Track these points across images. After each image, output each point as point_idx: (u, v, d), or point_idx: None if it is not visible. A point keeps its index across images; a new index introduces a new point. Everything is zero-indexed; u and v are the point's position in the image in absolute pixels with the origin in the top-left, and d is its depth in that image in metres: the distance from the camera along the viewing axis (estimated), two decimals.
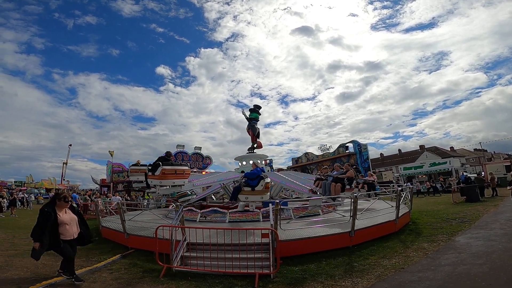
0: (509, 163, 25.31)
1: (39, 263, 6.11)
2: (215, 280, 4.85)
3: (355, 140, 35.13)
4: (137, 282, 4.93)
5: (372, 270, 4.98)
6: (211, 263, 5.21)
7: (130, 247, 7.30)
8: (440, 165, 27.17)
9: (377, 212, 8.23)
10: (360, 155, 33.56)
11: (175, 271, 5.26)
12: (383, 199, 10.44)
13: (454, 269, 4.64)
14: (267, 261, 5.26)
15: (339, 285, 4.45)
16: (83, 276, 5.21)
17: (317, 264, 5.44)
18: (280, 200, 6.96)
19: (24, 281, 4.94)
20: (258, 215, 8.45)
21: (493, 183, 16.79)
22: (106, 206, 12.91)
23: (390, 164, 53.64)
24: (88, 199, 19.56)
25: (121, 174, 30.36)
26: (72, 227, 4.87)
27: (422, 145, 56.75)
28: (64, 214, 4.82)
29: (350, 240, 6.42)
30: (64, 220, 4.73)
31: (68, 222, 4.79)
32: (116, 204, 9.49)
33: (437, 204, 14.06)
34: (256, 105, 13.92)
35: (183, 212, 6.89)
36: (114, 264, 6.07)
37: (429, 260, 5.25)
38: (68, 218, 4.83)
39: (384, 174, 34.04)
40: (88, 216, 15.55)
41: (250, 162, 12.80)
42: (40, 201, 27.00)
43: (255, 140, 13.48)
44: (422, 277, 4.44)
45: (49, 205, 4.76)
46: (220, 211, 9.00)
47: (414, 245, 6.35)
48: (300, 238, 6.19)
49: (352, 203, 6.69)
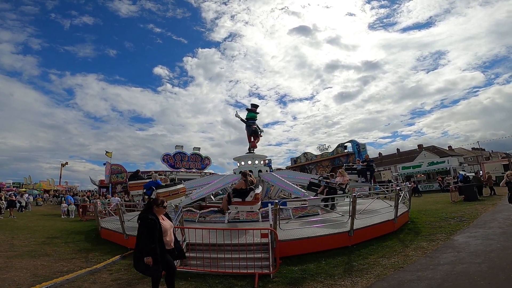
0: (507, 162, 25.42)
1: (38, 264, 6.12)
2: (215, 280, 4.86)
3: (353, 140, 35.17)
4: (136, 283, 4.93)
5: (371, 269, 5.00)
6: (211, 264, 5.22)
7: (130, 248, 7.28)
8: (439, 164, 27.22)
9: (376, 211, 8.26)
10: (359, 155, 33.59)
11: None
12: (381, 198, 10.48)
13: (453, 268, 4.66)
14: (266, 261, 5.27)
15: (339, 284, 4.47)
16: (82, 277, 5.21)
17: (317, 263, 5.46)
18: (279, 200, 6.97)
19: (23, 282, 4.93)
20: (257, 215, 8.46)
21: (490, 182, 16.86)
22: (105, 207, 12.89)
23: (389, 163, 53.71)
24: (87, 200, 19.49)
25: (120, 175, 30.29)
26: (171, 235, 4.24)
27: (420, 145, 56.89)
28: (163, 221, 4.18)
29: (349, 240, 6.44)
30: (166, 228, 4.11)
31: (168, 229, 4.17)
32: (115, 205, 9.48)
33: (435, 203, 14.10)
34: (253, 104, 13.88)
35: (182, 213, 6.90)
36: (113, 265, 6.07)
37: (428, 259, 5.27)
38: (168, 225, 4.21)
39: (383, 174, 34.13)
40: (87, 217, 15.56)
41: (255, 162, 12.64)
42: (39, 202, 26.71)
43: (250, 141, 13.49)
44: (421, 276, 4.46)
45: (148, 212, 4.08)
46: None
47: (413, 244, 6.38)
48: (299, 238, 6.20)
49: (351, 202, 6.71)
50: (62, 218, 16.32)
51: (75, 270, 5.67)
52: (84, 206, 17.12)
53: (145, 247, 3.74)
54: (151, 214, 4.00)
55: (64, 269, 5.81)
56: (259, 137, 13.66)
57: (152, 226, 3.84)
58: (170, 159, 32.02)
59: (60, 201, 21.06)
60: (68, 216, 16.96)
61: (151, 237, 3.78)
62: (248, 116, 13.48)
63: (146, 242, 3.76)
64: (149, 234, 3.80)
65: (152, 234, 3.81)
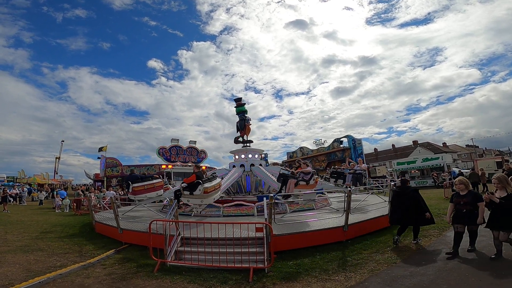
0: (500, 159, 25.72)
1: (31, 259, 6.08)
2: (210, 274, 4.86)
3: (349, 135, 35.42)
4: (131, 277, 4.92)
5: (365, 264, 5.04)
6: (206, 258, 5.22)
7: (124, 242, 7.27)
8: (433, 161, 27.46)
9: (371, 206, 8.32)
10: (355, 150, 33.85)
11: (169, 265, 5.26)
12: (375, 193, 10.56)
13: (445, 265, 4.72)
14: (261, 255, 5.29)
15: (333, 279, 4.50)
16: (76, 272, 5.19)
17: (311, 258, 5.49)
18: (274, 194, 6.97)
19: (16, 277, 4.90)
20: (252, 209, 8.48)
21: (483, 178, 17.06)
22: (100, 201, 12.82)
23: (384, 159, 54.15)
24: (81, 194, 19.37)
25: (115, 168, 30.12)
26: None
27: (415, 141, 57.37)
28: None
29: (343, 235, 6.48)
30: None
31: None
32: (109, 199, 9.43)
33: (428, 199, 14.16)
34: (237, 99, 14.17)
35: (177, 207, 6.88)
36: (107, 260, 6.05)
37: (421, 255, 5.33)
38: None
39: (378, 169, 34.40)
40: (82, 211, 15.48)
41: (249, 156, 12.79)
42: (35, 197, 26.42)
43: (243, 134, 13.76)
44: (414, 272, 4.50)
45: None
46: (215, 205, 8.99)
47: (406, 240, 6.43)
48: (294, 233, 6.23)
49: (345, 197, 6.74)
50: (56, 212, 16.22)
51: (68, 264, 5.64)
52: (78, 200, 17.01)
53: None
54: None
55: (58, 263, 5.77)
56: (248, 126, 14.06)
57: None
58: (166, 153, 31.92)
59: (53, 195, 20.89)
60: (62, 211, 16.86)
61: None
62: (239, 110, 13.86)
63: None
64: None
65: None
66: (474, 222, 4.91)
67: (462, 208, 5.05)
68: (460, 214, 5.09)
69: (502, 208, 4.50)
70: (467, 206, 4.99)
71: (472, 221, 4.92)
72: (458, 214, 5.15)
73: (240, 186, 13.41)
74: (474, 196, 5.06)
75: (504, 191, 4.62)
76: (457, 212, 5.16)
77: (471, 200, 4.99)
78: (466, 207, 4.99)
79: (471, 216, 4.92)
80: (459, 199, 5.16)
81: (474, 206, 4.91)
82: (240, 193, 13.21)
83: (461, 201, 5.09)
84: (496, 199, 4.58)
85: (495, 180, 4.78)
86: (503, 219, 4.50)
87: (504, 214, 4.48)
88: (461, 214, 5.07)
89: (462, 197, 5.12)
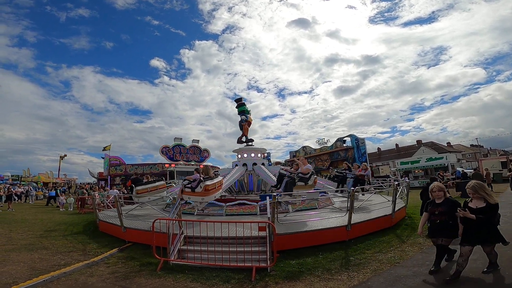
0: (505, 159, 25.48)
1: (36, 258, 6.13)
2: (212, 273, 4.87)
3: (352, 134, 35.20)
4: (134, 275, 4.94)
5: (368, 264, 5.02)
6: (208, 257, 5.23)
7: (128, 241, 7.31)
8: (437, 160, 27.32)
9: (374, 206, 8.28)
10: (358, 150, 33.69)
11: (172, 264, 5.28)
12: (378, 193, 10.50)
13: (449, 265, 4.68)
14: (264, 254, 5.29)
15: (336, 278, 4.49)
16: (80, 270, 5.22)
17: (314, 257, 5.48)
18: (277, 194, 6.97)
19: (20, 276, 4.94)
20: (255, 208, 8.48)
21: (488, 178, 16.92)
22: (104, 200, 12.89)
23: (388, 158, 53.90)
24: (85, 193, 19.49)
25: (119, 167, 30.28)
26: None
27: (419, 140, 57.08)
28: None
29: (346, 234, 6.46)
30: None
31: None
32: (113, 197, 9.46)
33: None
34: (237, 99, 14.53)
35: (180, 205, 6.90)
36: (111, 258, 6.08)
37: (424, 255, 5.29)
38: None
39: (381, 169, 34.24)
40: (86, 210, 15.58)
41: (251, 155, 12.87)
42: (40, 196, 26.51)
43: (243, 134, 14.05)
44: (417, 272, 4.48)
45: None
46: (218, 204, 9.01)
47: (409, 240, 6.40)
48: (297, 232, 6.22)
49: (349, 197, 6.71)
50: (61, 211, 16.34)
51: (72, 263, 5.68)
52: (82, 199, 17.12)
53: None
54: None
55: (62, 262, 5.81)
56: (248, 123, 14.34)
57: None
58: (169, 152, 32.03)
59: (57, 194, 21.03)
60: (66, 209, 16.98)
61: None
62: (240, 109, 14.18)
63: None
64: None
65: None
66: (451, 235, 4.21)
67: (436, 219, 4.32)
68: (435, 226, 4.37)
69: (479, 222, 3.83)
70: (442, 216, 4.25)
71: (448, 233, 4.21)
72: (432, 226, 4.44)
73: (242, 185, 13.44)
74: (452, 204, 4.26)
75: (482, 201, 3.95)
76: (432, 223, 4.45)
77: (448, 209, 4.22)
78: (441, 217, 4.26)
79: (446, 227, 4.20)
80: (434, 208, 4.42)
81: (451, 216, 4.16)
82: (243, 192, 13.25)
83: (436, 210, 4.36)
84: (472, 216, 3.84)
85: (469, 190, 4.06)
86: (484, 231, 3.87)
87: (484, 227, 3.86)
88: (435, 226, 4.35)
89: (437, 205, 4.38)
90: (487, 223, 3.87)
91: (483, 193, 3.95)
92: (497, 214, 4.00)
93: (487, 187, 4.11)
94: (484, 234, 3.90)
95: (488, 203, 3.91)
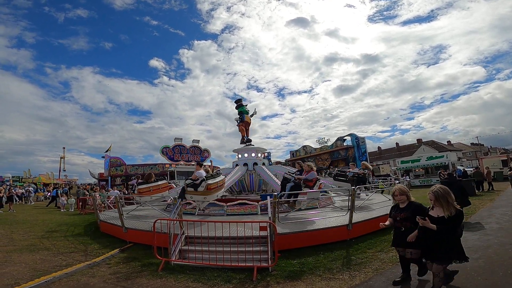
0: (505, 157, 25.47)
1: (37, 258, 6.13)
2: (214, 273, 4.87)
3: (353, 133, 35.17)
4: (135, 276, 4.95)
5: (370, 263, 5.02)
6: (210, 257, 5.24)
7: (129, 241, 7.32)
8: (437, 159, 27.26)
9: (375, 205, 8.28)
10: (358, 149, 33.67)
11: (173, 264, 5.28)
12: (379, 192, 10.50)
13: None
14: (265, 254, 5.28)
15: (337, 278, 4.48)
16: (81, 271, 5.22)
17: (315, 257, 5.48)
18: (278, 193, 6.96)
19: (22, 276, 4.94)
20: (256, 208, 8.48)
21: (489, 177, 16.92)
22: (104, 200, 12.90)
23: (388, 157, 53.95)
24: (86, 194, 19.50)
25: (119, 168, 30.28)
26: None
27: (419, 139, 57.12)
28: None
29: (347, 233, 6.46)
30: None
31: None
32: (114, 198, 9.48)
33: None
34: (237, 100, 14.78)
35: (181, 206, 6.90)
36: (112, 259, 6.09)
37: None
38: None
39: (382, 168, 34.23)
40: (87, 210, 15.59)
41: (251, 155, 12.91)
42: (40, 197, 26.56)
43: (245, 132, 14.27)
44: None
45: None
46: (218, 204, 9.01)
47: None
48: (298, 231, 6.22)
49: (350, 196, 6.71)
50: (62, 212, 16.36)
51: (74, 264, 5.68)
52: (83, 199, 17.13)
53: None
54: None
55: (63, 263, 5.82)
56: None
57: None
58: (169, 152, 32.01)
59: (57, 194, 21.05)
60: (67, 210, 17.00)
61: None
62: (240, 110, 14.47)
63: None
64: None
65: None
66: (415, 245, 3.71)
67: (400, 226, 3.90)
68: (399, 234, 3.92)
69: (439, 233, 3.36)
70: (406, 223, 3.82)
71: (416, 244, 3.69)
72: (396, 234, 4.00)
73: (243, 185, 13.44)
74: (416, 209, 3.82)
75: (443, 210, 3.44)
76: (396, 231, 4.02)
77: (412, 214, 3.73)
78: (405, 224, 3.83)
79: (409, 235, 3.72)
80: (396, 214, 3.99)
81: (416, 223, 3.56)
82: (244, 192, 13.24)
83: (398, 216, 3.93)
84: (433, 226, 3.36)
85: (431, 195, 3.53)
86: (444, 245, 3.40)
87: (444, 239, 3.39)
88: (400, 234, 3.89)
89: (400, 211, 3.95)
90: (447, 235, 3.38)
91: (444, 202, 3.40)
92: (461, 225, 3.50)
93: (451, 195, 3.43)
94: (443, 248, 3.40)
95: (447, 215, 3.36)
